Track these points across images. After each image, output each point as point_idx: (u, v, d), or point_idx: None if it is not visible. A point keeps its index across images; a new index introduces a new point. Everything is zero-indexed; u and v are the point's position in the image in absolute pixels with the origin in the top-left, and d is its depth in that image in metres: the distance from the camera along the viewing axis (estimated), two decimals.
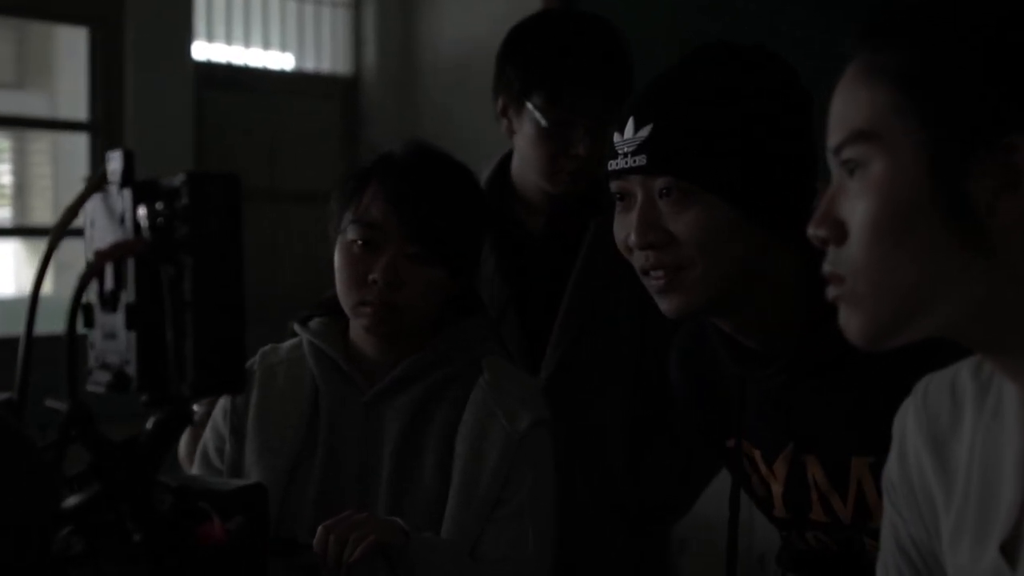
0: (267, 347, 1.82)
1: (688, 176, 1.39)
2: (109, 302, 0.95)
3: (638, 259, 1.43)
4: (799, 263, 1.42)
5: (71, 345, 0.90)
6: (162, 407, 0.93)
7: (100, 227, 0.97)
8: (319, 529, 1.55)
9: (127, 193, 0.94)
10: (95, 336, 0.97)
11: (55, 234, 0.97)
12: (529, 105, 2.02)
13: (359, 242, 1.70)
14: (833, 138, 0.99)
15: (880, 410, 1.39)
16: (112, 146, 4.29)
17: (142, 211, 0.93)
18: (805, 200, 1.44)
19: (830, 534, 1.49)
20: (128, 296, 0.93)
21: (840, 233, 0.98)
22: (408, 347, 1.75)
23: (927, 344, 1.31)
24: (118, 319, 0.94)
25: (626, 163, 1.42)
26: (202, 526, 0.98)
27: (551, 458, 1.76)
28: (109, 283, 0.94)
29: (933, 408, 1.09)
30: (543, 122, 2.01)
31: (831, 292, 1.00)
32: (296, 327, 1.81)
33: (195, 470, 1.74)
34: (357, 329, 1.76)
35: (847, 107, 0.98)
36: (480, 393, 1.74)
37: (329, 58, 5.11)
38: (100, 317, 0.96)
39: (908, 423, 1.11)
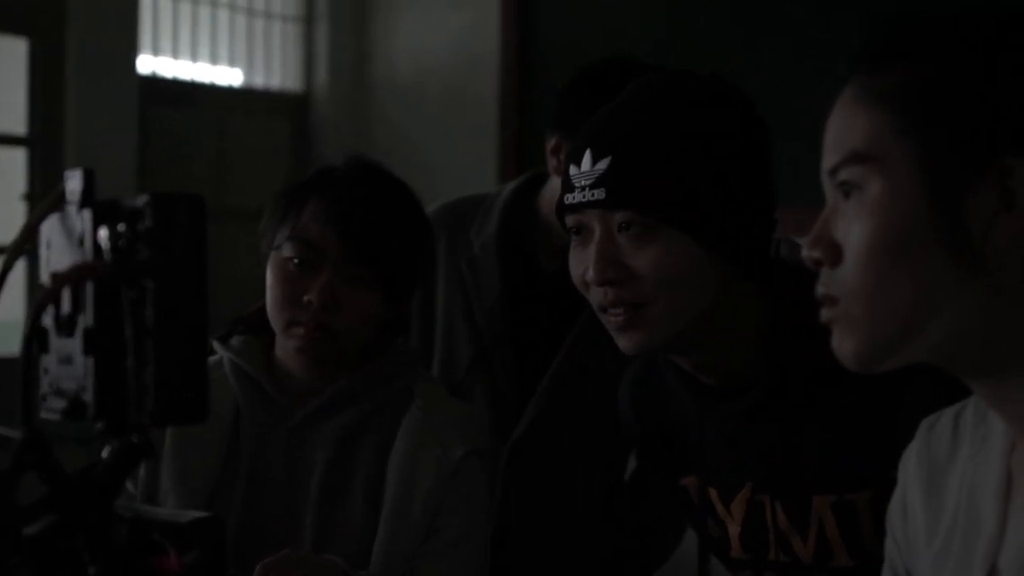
0: None
1: (649, 211, 1.38)
2: (65, 326, 0.93)
3: (596, 296, 1.42)
4: (762, 298, 1.43)
5: (27, 370, 0.89)
6: (120, 436, 0.92)
7: (57, 248, 0.96)
8: (258, 568, 1.53)
9: (87, 213, 0.93)
10: (49, 362, 0.96)
11: (11, 255, 0.96)
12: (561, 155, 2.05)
13: (295, 260, 1.68)
14: (829, 160, 1.02)
15: (843, 448, 1.41)
16: (52, 162, 4.28)
17: (103, 232, 0.92)
18: (767, 231, 1.45)
19: (789, 574, 1.49)
20: (86, 320, 0.92)
21: (835, 255, 1.00)
22: (337, 370, 1.73)
23: (893, 382, 1.33)
24: (75, 344, 0.93)
25: (583, 197, 1.41)
26: (158, 559, 0.97)
27: (485, 488, 1.76)
28: (66, 307, 0.93)
29: (934, 442, 1.12)
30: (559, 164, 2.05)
31: (824, 314, 1.02)
32: (215, 344, 1.78)
33: None
34: (284, 349, 1.73)
35: (844, 129, 1.00)
36: (413, 420, 1.72)
37: (279, 74, 5.10)
38: (55, 342, 0.95)
39: (911, 461, 1.15)
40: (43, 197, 0.98)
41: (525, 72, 4.52)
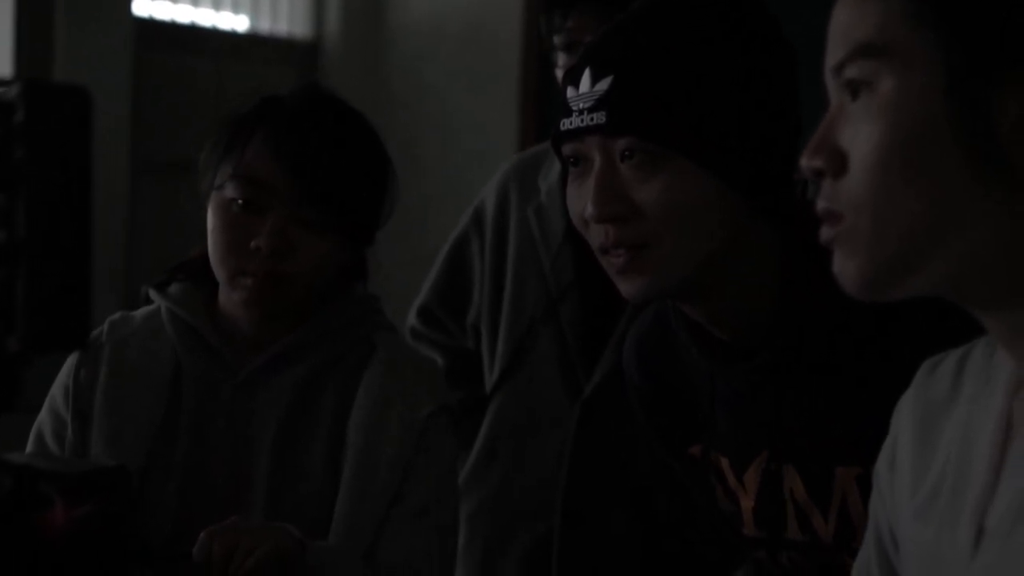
0: (116, 315, 1.73)
1: (655, 137, 1.32)
2: None
3: (596, 235, 1.36)
4: (781, 241, 1.37)
5: None
6: None
7: None
8: (202, 536, 1.48)
9: None
10: None
11: None
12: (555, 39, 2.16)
13: (240, 201, 1.62)
14: (834, 55, 0.96)
15: (870, 414, 1.34)
16: (70, 86, 4.24)
17: None
18: (789, 167, 1.38)
19: (807, 555, 1.44)
20: None
21: (839, 164, 0.95)
22: (288, 320, 1.68)
23: (924, 337, 1.26)
24: None
25: (582, 121, 1.34)
26: (46, 513, 0.92)
27: (454, 448, 1.72)
28: None
29: (934, 385, 1.08)
30: (557, 52, 2.14)
31: (825, 233, 0.97)
32: (152, 293, 1.73)
33: None
34: (229, 299, 1.68)
35: (852, 18, 0.95)
36: (374, 375, 1.67)
37: (287, 19, 5.05)
38: None
39: (906, 405, 1.11)
40: None
41: None
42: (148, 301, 1.74)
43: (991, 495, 0.96)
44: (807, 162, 0.97)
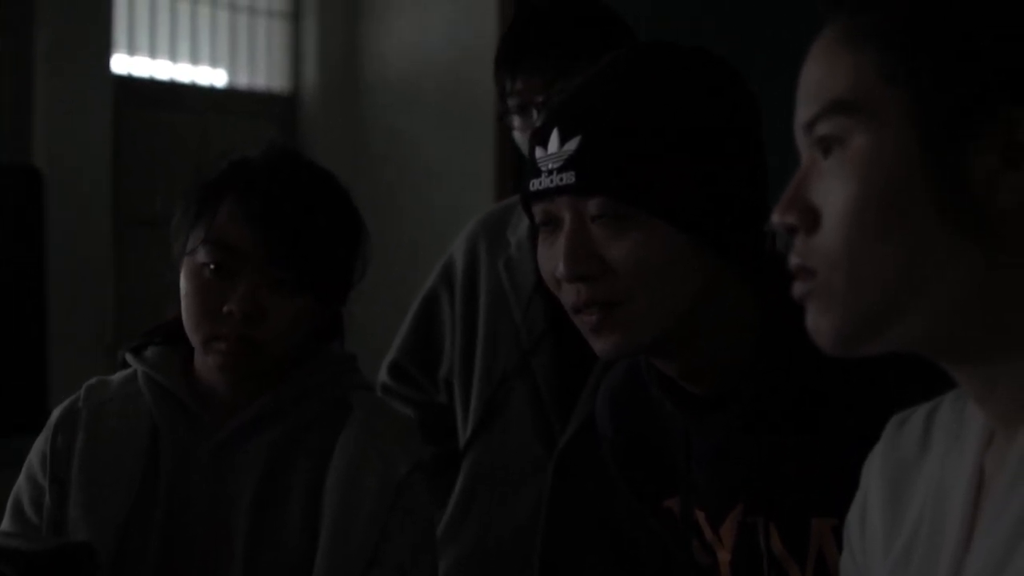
0: (93, 380, 1.72)
1: (625, 197, 1.30)
2: None
3: (568, 294, 1.34)
4: (753, 296, 1.36)
5: None
6: None
7: None
8: None
9: None
10: None
11: None
12: (509, 102, 2.12)
13: (211, 266, 1.61)
14: (805, 112, 0.95)
15: (846, 464, 1.32)
16: (19, 166, 4.23)
17: None
18: (759, 219, 1.37)
19: None
20: None
21: (811, 220, 0.94)
22: (264, 381, 1.66)
23: (900, 388, 1.25)
24: None
25: (551, 182, 1.32)
26: None
27: (431, 507, 1.70)
28: None
29: (903, 441, 1.07)
30: (512, 115, 2.09)
31: (798, 289, 0.95)
32: (128, 357, 1.72)
33: (6, 527, 1.63)
34: (204, 364, 1.67)
35: (823, 75, 0.94)
36: (350, 434, 1.65)
37: (265, 73, 5.07)
38: None
39: (875, 463, 1.09)
40: None
41: None
42: (125, 365, 1.73)
43: (965, 551, 0.94)
44: (779, 218, 0.95)
